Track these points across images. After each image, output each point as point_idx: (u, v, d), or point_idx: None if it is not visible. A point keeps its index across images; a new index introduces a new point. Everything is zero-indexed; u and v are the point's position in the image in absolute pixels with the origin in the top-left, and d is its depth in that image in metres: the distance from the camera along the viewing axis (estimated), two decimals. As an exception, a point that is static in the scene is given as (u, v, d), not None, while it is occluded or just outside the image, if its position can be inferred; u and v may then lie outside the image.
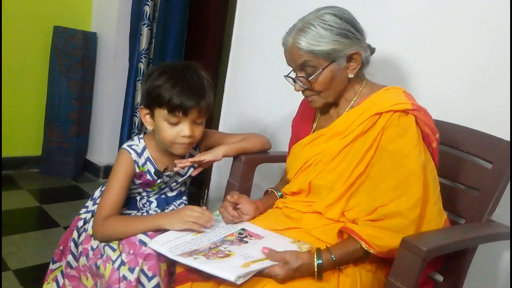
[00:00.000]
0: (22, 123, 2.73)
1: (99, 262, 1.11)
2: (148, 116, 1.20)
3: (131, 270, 1.06)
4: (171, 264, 1.15)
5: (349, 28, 1.06)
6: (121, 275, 1.06)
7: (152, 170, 1.24)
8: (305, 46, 1.06)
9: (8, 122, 2.64)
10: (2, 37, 2.50)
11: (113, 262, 1.08)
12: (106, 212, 1.16)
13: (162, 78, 1.13)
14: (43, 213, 2.22)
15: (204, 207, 1.11)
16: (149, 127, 1.21)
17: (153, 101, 1.15)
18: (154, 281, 1.07)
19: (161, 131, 1.17)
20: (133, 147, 1.23)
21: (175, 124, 1.15)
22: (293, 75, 1.14)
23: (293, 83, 1.14)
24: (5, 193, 2.38)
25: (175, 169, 1.26)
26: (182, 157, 1.29)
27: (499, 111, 1.24)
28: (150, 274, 1.07)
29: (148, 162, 1.24)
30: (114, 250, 1.11)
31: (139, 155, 1.23)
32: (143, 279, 1.07)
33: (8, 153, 2.68)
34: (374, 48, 1.16)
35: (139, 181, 1.25)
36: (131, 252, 1.08)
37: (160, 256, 1.07)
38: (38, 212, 2.24)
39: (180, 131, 1.15)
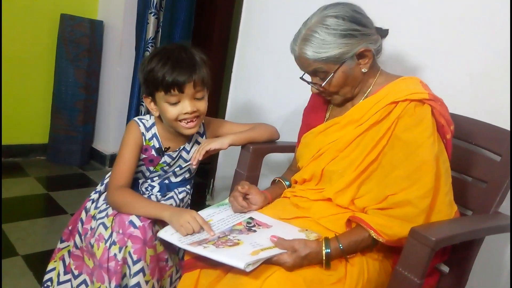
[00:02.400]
0: (29, 111, 2.74)
1: (92, 240, 1.13)
2: (152, 104, 1.22)
3: (120, 249, 1.08)
4: (168, 250, 1.17)
5: (353, 27, 1.04)
6: (111, 254, 1.08)
7: (157, 146, 1.26)
8: (312, 55, 1.05)
9: (16, 110, 2.66)
10: (10, 25, 2.50)
11: (106, 241, 1.11)
12: (118, 180, 1.19)
13: (153, 62, 1.16)
14: (50, 200, 2.24)
15: (213, 223, 1.10)
16: (155, 113, 1.23)
17: (150, 86, 1.18)
18: (139, 265, 1.09)
19: (165, 113, 1.19)
20: (142, 120, 1.27)
21: (176, 103, 1.17)
22: (307, 77, 1.14)
23: (309, 84, 1.14)
24: (12, 180, 2.40)
25: (193, 164, 1.28)
26: (189, 139, 1.31)
27: (508, 103, 1.24)
28: (135, 257, 1.09)
29: (154, 138, 1.26)
30: (106, 228, 1.13)
31: (147, 129, 1.26)
32: (129, 261, 1.09)
33: (15, 140, 2.70)
34: (387, 30, 1.13)
35: (144, 156, 1.27)
36: (120, 231, 1.10)
37: (146, 241, 1.10)
38: (46, 199, 2.26)
39: (182, 108, 1.17)
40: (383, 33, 1.13)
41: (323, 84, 1.09)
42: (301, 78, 1.16)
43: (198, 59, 1.19)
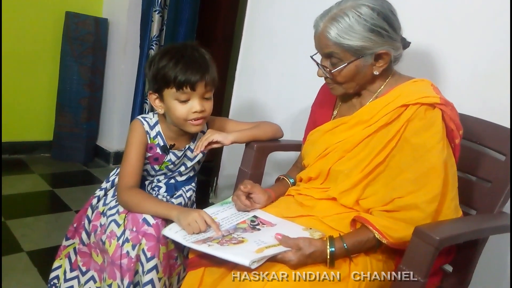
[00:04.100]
0: (34, 108, 2.76)
1: (103, 237, 1.14)
2: (157, 100, 1.22)
3: (134, 247, 1.09)
4: (177, 248, 1.18)
5: (384, 26, 1.02)
6: (124, 251, 1.09)
7: (162, 144, 1.27)
8: (334, 37, 1.03)
9: (20, 107, 2.67)
10: (14, 23, 2.51)
11: (118, 238, 1.11)
12: (127, 180, 1.20)
13: (165, 59, 1.16)
14: (55, 197, 2.25)
15: (217, 222, 1.08)
16: (160, 111, 1.23)
17: (160, 83, 1.18)
18: (152, 263, 1.10)
19: (172, 111, 1.19)
20: (146, 119, 1.27)
21: (185, 101, 1.18)
22: (318, 57, 1.13)
23: (317, 66, 1.13)
24: (17, 177, 2.42)
25: (195, 152, 1.29)
26: (194, 139, 1.31)
27: None
28: (149, 255, 1.10)
29: (158, 136, 1.27)
30: (118, 225, 1.14)
31: (151, 127, 1.27)
32: (143, 258, 1.10)
33: (20, 137, 2.71)
34: (409, 43, 1.12)
35: (149, 154, 1.28)
36: (134, 229, 1.11)
37: (160, 239, 1.10)
38: (50, 195, 2.27)
39: (191, 107, 1.18)
40: (405, 44, 1.11)
41: (333, 71, 1.08)
42: (312, 57, 1.14)
43: (208, 59, 1.20)
